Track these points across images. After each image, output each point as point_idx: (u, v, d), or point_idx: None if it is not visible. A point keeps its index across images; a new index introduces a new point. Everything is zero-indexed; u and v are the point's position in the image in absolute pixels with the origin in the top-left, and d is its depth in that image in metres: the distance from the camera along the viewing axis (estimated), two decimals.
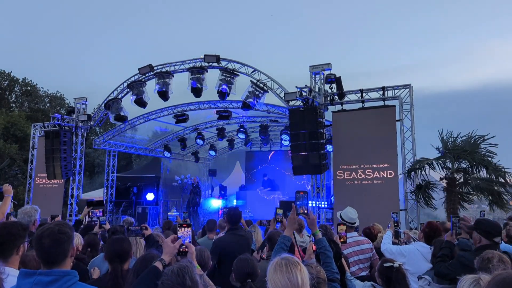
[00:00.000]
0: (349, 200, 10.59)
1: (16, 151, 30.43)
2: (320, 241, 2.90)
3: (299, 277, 1.85)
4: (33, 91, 42.47)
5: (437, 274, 3.77)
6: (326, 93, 11.55)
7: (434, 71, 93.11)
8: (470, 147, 8.69)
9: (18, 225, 2.63)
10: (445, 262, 3.77)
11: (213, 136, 19.44)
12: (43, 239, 2.13)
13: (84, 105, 15.09)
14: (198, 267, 2.43)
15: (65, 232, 2.19)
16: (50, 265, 2.13)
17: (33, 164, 15.81)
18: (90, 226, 6.34)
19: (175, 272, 1.76)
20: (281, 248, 2.76)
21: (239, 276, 3.21)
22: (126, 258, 3.39)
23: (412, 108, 10.82)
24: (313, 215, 2.94)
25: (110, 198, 17.66)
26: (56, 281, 2.05)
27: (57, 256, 2.14)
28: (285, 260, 1.91)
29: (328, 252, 2.85)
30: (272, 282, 1.86)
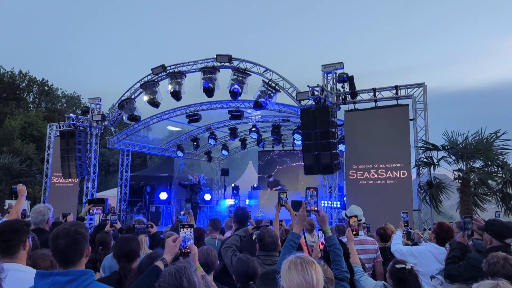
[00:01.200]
0: (362, 200, 10.52)
1: (34, 150, 31.01)
2: (330, 238, 2.86)
3: (314, 277, 1.83)
4: (50, 91, 43.19)
5: (447, 276, 3.71)
6: (338, 92, 11.48)
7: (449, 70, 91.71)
8: (483, 146, 8.52)
9: (20, 221, 2.68)
10: (455, 264, 3.71)
11: (225, 136, 19.49)
12: (59, 239, 2.15)
13: (98, 105, 15.28)
14: (200, 268, 2.42)
15: (81, 232, 2.21)
16: (66, 265, 2.15)
17: (49, 163, 16.08)
18: (102, 225, 6.44)
19: (172, 274, 1.76)
20: (290, 246, 2.71)
21: (240, 278, 3.19)
22: (134, 257, 3.41)
23: (426, 107, 10.67)
24: (323, 212, 2.90)
25: (124, 197, 17.85)
26: (74, 280, 2.07)
27: (73, 256, 2.16)
28: (300, 259, 1.89)
29: (338, 250, 2.81)
30: (287, 279, 1.84)
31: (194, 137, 19.16)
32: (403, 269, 3.10)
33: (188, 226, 2.50)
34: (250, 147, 21.44)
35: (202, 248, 3.50)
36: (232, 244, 4.13)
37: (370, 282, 3.38)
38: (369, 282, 3.38)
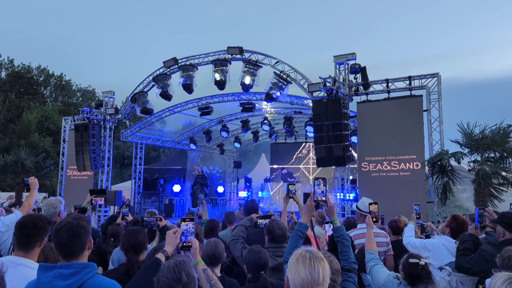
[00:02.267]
0: (374, 192, 10.43)
1: (50, 144, 31.55)
2: (339, 229, 2.82)
3: (321, 273, 1.80)
4: (66, 85, 43.78)
5: (458, 268, 3.65)
6: (350, 84, 11.34)
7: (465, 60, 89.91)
8: (500, 137, 8.33)
9: (43, 218, 2.69)
10: (466, 256, 3.64)
11: (237, 128, 19.50)
12: (60, 233, 2.18)
13: (111, 99, 15.41)
14: (201, 261, 2.41)
15: (82, 225, 2.23)
16: (69, 258, 2.18)
17: (64, 156, 16.32)
18: (114, 217, 6.52)
19: (171, 268, 1.75)
20: (297, 236, 2.68)
21: (252, 268, 3.19)
22: (141, 249, 3.43)
23: (440, 97, 10.47)
24: (331, 202, 2.86)
25: (138, 190, 18.05)
26: (76, 273, 2.10)
27: (75, 249, 2.18)
28: (310, 253, 1.86)
29: (345, 241, 2.78)
30: (293, 272, 1.82)
31: (207, 130, 19.23)
32: (417, 264, 3.05)
33: (189, 220, 2.49)
34: (262, 139, 21.42)
35: (210, 240, 3.52)
36: (239, 236, 4.13)
37: (384, 272, 3.34)
38: (382, 271, 3.35)
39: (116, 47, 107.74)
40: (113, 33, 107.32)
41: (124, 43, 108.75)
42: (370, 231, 3.69)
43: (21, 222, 2.64)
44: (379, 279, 3.28)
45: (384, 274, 3.29)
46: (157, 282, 1.74)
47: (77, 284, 2.08)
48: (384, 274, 3.29)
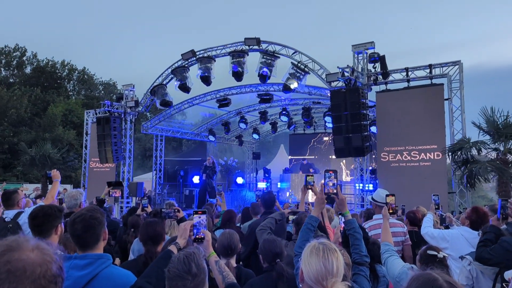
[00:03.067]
0: (394, 183, 10.34)
1: (74, 136, 32.29)
2: (350, 222, 2.80)
3: (334, 265, 1.82)
4: (88, 79, 44.60)
5: (478, 259, 3.61)
6: (369, 73, 11.19)
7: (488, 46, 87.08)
8: None
9: (53, 207, 2.80)
10: (487, 247, 3.60)
11: (256, 120, 19.51)
12: (75, 225, 2.27)
13: (132, 92, 15.61)
14: (213, 253, 2.46)
15: (97, 217, 2.31)
16: (84, 248, 2.27)
17: (87, 149, 16.68)
18: (135, 208, 6.66)
19: (181, 260, 1.79)
20: (308, 229, 2.68)
21: (267, 257, 3.22)
22: (159, 240, 3.50)
23: (462, 86, 10.23)
24: (342, 195, 2.85)
25: (159, 181, 18.32)
26: (91, 264, 2.18)
27: (89, 240, 2.28)
28: (323, 245, 1.88)
29: (357, 234, 2.76)
30: (307, 264, 1.84)
31: (225, 122, 19.32)
32: (435, 256, 3.03)
33: (201, 212, 2.52)
34: (281, 130, 21.38)
35: (225, 231, 3.57)
36: (267, 227, 4.19)
37: (398, 263, 3.34)
38: (397, 262, 3.34)
39: (137, 41, 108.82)
40: (133, 28, 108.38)
41: (145, 36, 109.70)
42: (386, 223, 3.68)
43: (32, 213, 2.75)
44: (393, 270, 3.28)
45: (398, 265, 3.29)
46: (168, 273, 1.79)
47: (91, 275, 2.16)
48: (399, 265, 3.29)
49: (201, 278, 1.79)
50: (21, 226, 3.85)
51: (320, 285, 1.78)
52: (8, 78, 38.68)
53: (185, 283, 1.74)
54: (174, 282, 1.76)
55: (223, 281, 2.38)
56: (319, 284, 1.78)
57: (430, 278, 1.48)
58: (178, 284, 1.75)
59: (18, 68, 39.30)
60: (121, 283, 2.16)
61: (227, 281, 2.38)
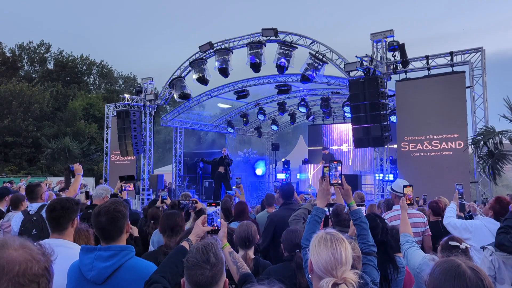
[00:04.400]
0: (414, 173, 10.21)
1: (96, 130, 32.90)
2: (356, 212, 2.77)
3: (343, 254, 1.83)
4: (108, 73, 45.24)
5: (498, 245, 3.56)
6: (388, 62, 11.01)
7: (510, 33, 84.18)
8: None
9: (71, 200, 2.86)
10: (507, 234, 3.55)
11: (274, 111, 19.47)
12: (100, 217, 2.33)
13: (151, 85, 15.78)
14: (227, 245, 2.48)
15: (120, 210, 2.37)
16: (108, 240, 2.34)
17: (108, 142, 16.98)
18: (155, 200, 6.77)
19: (199, 250, 1.83)
20: (315, 221, 2.66)
21: (288, 247, 3.25)
22: (178, 231, 3.56)
23: (484, 73, 9.96)
24: (347, 185, 2.83)
25: (178, 173, 18.52)
26: (115, 255, 2.25)
27: (113, 232, 2.34)
28: (330, 235, 1.90)
29: (364, 224, 2.73)
30: (315, 254, 1.86)
31: (244, 113, 19.34)
32: (457, 247, 3.00)
33: (215, 204, 2.54)
34: (299, 121, 21.30)
35: (242, 223, 3.60)
36: (301, 217, 4.23)
37: (419, 254, 3.31)
38: (418, 253, 3.32)
39: (155, 34, 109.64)
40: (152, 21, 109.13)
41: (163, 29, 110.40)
42: (404, 214, 3.65)
43: (50, 206, 2.80)
44: (414, 261, 3.26)
45: (419, 256, 3.26)
46: (187, 263, 1.83)
47: (115, 266, 2.23)
48: (420, 256, 3.26)
49: (219, 268, 1.83)
50: (45, 219, 3.96)
51: (329, 274, 1.80)
52: (31, 74, 39.58)
53: (203, 272, 1.78)
54: (192, 272, 1.80)
55: (237, 272, 2.41)
56: (328, 274, 1.80)
57: (453, 264, 1.52)
58: (196, 273, 1.78)
59: (41, 64, 40.16)
60: (144, 274, 2.20)
61: (241, 271, 2.41)
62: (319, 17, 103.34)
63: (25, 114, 30.73)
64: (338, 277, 1.78)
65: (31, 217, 4.15)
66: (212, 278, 1.79)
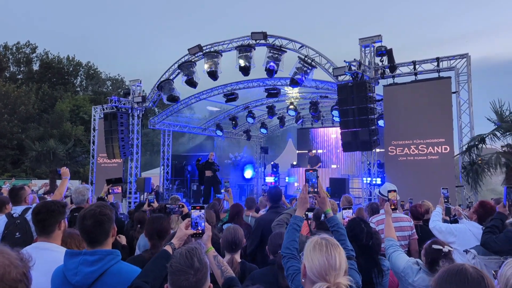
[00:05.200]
0: (401, 177, 10.30)
1: (82, 132, 32.54)
2: (332, 219, 2.80)
3: (337, 259, 1.84)
4: (95, 75, 44.82)
5: (483, 245, 3.62)
6: (376, 67, 11.11)
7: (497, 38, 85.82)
8: None
9: (56, 202, 2.82)
10: (493, 234, 3.61)
11: (263, 114, 19.48)
12: (85, 220, 2.29)
13: (139, 87, 15.65)
14: (212, 249, 2.46)
15: (106, 213, 2.33)
16: (93, 244, 2.30)
17: (95, 144, 16.79)
18: (142, 203, 6.71)
19: (183, 255, 1.80)
20: (293, 229, 2.65)
21: (273, 250, 3.25)
22: (164, 235, 3.52)
23: (470, 79, 10.12)
24: (323, 193, 2.84)
25: (166, 176, 18.40)
26: (101, 260, 2.21)
27: (99, 236, 2.30)
28: (325, 241, 1.90)
29: (341, 229, 2.75)
30: (310, 259, 1.86)
31: (233, 116, 19.30)
32: (440, 251, 3.03)
33: (199, 208, 2.51)
34: (288, 124, 21.34)
35: (229, 227, 3.59)
36: (284, 222, 4.23)
37: (403, 258, 3.35)
38: (402, 257, 3.35)
39: (144, 36, 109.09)
40: (140, 23, 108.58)
41: (152, 32, 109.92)
42: (389, 218, 3.70)
43: (35, 209, 2.76)
44: (398, 265, 3.29)
45: (403, 260, 3.29)
46: (170, 268, 1.80)
47: (101, 271, 2.19)
48: (404, 260, 3.29)
49: (203, 273, 1.80)
50: (28, 222, 3.89)
51: (323, 279, 1.80)
52: (16, 74, 39.02)
53: (187, 277, 1.76)
54: (176, 277, 1.77)
55: (221, 276, 2.39)
56: (322, 279, 1.80)
57: (457, 265, 1.65)
58: (180, 279, 1.76)
59: (26, 64, 39.62)
60: (130, 279, 2.17)
61: (225, 275, 2.39)
62: (308, 22, 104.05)
63: (11, 115, 30.26)
64: (332, 282, 1.78)
65: (14, 220, 4.08)
66: (196, 283, 1.77)
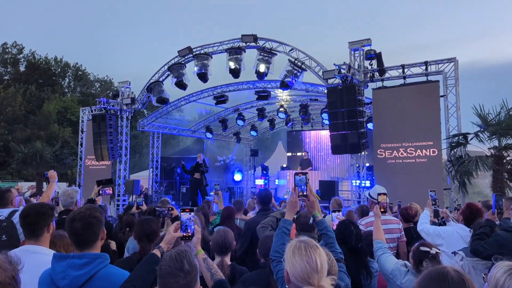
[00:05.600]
0: (390, 179, 10.37)
1: (70, 134, 32.15)
2: (321, 222, 2.81)
3: (318, 261, 1.83)
4: (84, 76, 44.36)
5: (472, 251, 3.66)
6: (366, 70, 11.19)
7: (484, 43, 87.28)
8: None
9: (45, 205, 2.78)
10: (482, 240, 3.65)
11: (253, 117, 19.48)
12: (74, 223, 2.26)
13: (128, 89, 15.53)
14: (201, 251, 2.45)
15: (96, 216, 2.30)
16: (82, 247, 2.26)
17: (83, 146, 16.61)
18: (131, 206, 6.65)
19: (173, 257, 1.80)
20: (283, 232, 2.65)
21: (263, 251, 3.25)
22: (154, 238, 3.50)
23: (457, 83, 10.26)
24: (312, 197, 2.85)
25: (155, 179, 18.27)
26: (89, 263, 2.18)
27: (88, 239, 2.27)
28: (304, 244, 1.89)
29: (329, 232, 2.78)
30: (290, 265, 1.85)
31: (223, 119, 19.27)
32: (427, 252, 3.06)
33: (189, 210, 2.49)
34: (279, 127, 21.37)
35: (219, 229, 3.57)
36: (269, 225, 4.22)
37: (392, 260, 3.37)
38: (390, 260, 3.38)
39: (133, 38, 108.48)
40: (130, 24, 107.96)
41: (141, 33, 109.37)
42: (378, 221, 3.73)
43: (24, 211, 2.73)
44: (387, 267, 3.31)
45: (391, 262, 3.31)
46: (160, 271, 1.79)
47: (89, 274, 2.16)
48: (392, 262, 3.31)
49: (193, 275, 1.80)
50: (15, 224, 3.83)
51: (306, 283, 1.80)
52: (3, 75, 38.46)
53: (177, 280, 1.75)
54: (166, 280, 1.76)
55: (211, 279, 2.38)
56: (305, 283, 1.80)
57: (439, 267, 1.71)
58: (170, 281, 1.75)
59: (13, 65, 39.07)
60: (119, 283, 2.15)
61: (215, 278, 2.38)
62: (298, 24, 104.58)
63: None
64: (315, 285, 1.78)
65: (1, 223, 4.01)
66: (186, 286, 1.76)
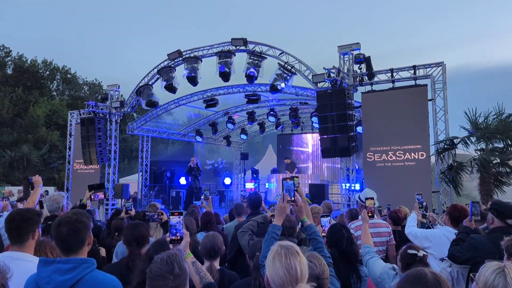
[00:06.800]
0: (379, 182, 10.43)
1: (58, 138, 31.80)
2: (309, 227, 2.82)
3: (298, 269, 1.80)
4: (72, 79, 43.98)
5: (450, 257, 3.70)
6: (355, 74, 11.27)
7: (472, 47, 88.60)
8: (503, 126, 8.24)
9: (32, 210, 2.73)
10: (458, 246, 3.69)
11: (243, 120, 19.50)
12: (60, 228, 2.21)
13: (117, 92, 15.45)
14: (190, 255, 2.45)
15: (82, 221, 2.26)
16: (68, 253, 2.22)
17: (71, 150, 16.43)
18: (119, 211, 6.57)
19: (164, 260, 1.80)
20: (272, 237, 2.65)
21: (252, 254, 3.24)
22: (143, 242, 3.46)
23: (445, 87, 10.37)
24: (300, 202, 2.85)
25: (145, 183, 18.16)
26: (75, 268, 2.14)
27: (74, 244, 2.22)
28: (285, 249, 1.86)
29: (318, 237, 2.79)
30: (271, 270, 1.83)
31: (213, 122, 19.25)
32: (415, 255, 3.07)
33: (177, 214, 2.48)
34: (269, 131, 21.42)
35: (208, 234, 3.55)
36: (249, 229, 4.18)
37: (380, 264, 3.38)
38: (379, 263, 3.38)
39: (123, 40, 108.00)
40: (118, 27, 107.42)
41: (131, 36, 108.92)
42: (366, 226, 3.74)
43: (9, 216, 2.66)
44: (375, 271, 3.31)
45: (380, 266, 3.32)
46: (150, 273, 1.78)
47: (75, 279, 2.12)
48: (380, 266, 3.32)
49: (182, 279, 1.80)
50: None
51: None
52: None
53: (167, 283, 1.75)
54: (155, 282, 1.76)
55: (200, 282, 2.37)
56: None
57: (417, 269, 1.74)
58: (159, 284, 1.75)
59: (0, 68, 38.57)
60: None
61: (204, 281, 2.37)
62: (288, 28, 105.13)
63: None
64: None
65: None
66: None
